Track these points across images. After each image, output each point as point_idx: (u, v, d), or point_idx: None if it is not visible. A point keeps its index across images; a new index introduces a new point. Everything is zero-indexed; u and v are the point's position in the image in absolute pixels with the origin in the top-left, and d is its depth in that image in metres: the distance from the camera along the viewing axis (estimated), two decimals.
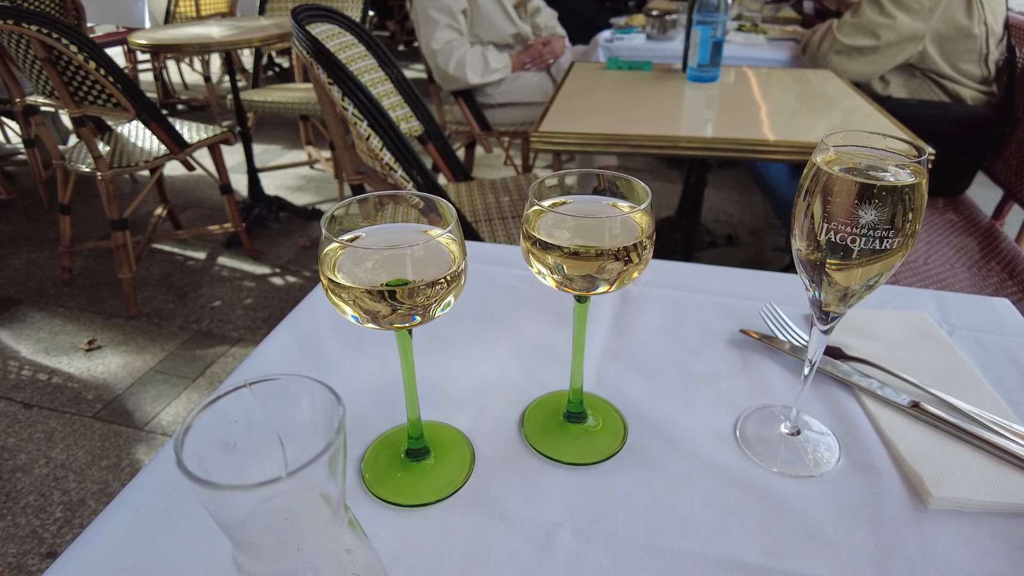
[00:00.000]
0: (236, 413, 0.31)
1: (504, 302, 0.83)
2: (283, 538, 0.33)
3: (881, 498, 0.56)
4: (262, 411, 0.32)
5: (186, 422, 0.29)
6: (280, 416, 0.32)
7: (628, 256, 0.47)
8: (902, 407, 0.65)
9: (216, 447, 0.30)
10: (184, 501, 0.56)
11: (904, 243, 0.46)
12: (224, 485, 0.26)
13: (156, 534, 0.53)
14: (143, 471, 0.59)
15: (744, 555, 0.51)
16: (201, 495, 0.27)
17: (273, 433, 0.32)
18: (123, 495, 0.57)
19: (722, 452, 0.61)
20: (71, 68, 2.28)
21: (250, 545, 0.30)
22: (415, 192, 0.48)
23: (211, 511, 0.28)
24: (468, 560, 0.51)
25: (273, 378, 0.31)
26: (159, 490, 0.57)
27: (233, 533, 0.30)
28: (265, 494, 0.28)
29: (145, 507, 0.56)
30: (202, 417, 0.30)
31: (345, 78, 1.52)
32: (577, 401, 0.63)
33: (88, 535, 0.53)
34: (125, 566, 0.51)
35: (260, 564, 0.31)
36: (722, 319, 0.79)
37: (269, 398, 0.32)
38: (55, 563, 0.51)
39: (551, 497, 0.56)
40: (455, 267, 0.47)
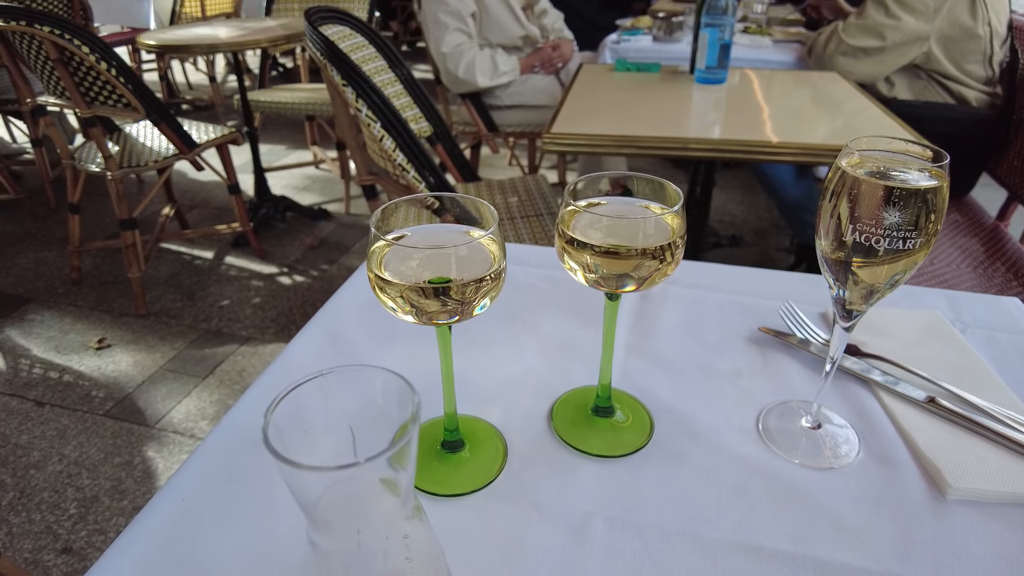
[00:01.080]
0: (311, 400, 0.33)
1: (526, 300, 0.85)
2: (348, 519, 0.35)
3: (901, 489, 0.58)
4: (335, 399, 0.34)
5: (271, 406, 0.31)
6: (352, 404, 0.34)
7: (662, 255, 0.50)
8: (918, 402, 0.67)
9: (294, 431, 0.31)
10: (228, 493, 0.58)
11: (926, 242, 0.48)
12: (307, 465, 0.28)
13: (201, 525, 0.55)
14: (186, 463, 0.61)
15: (771, 542, 0.53)
16: (285, 474, 0.29)
17: (344, 420, 0.34)
18: (168, 487, 0.59)
19: (746, 445, 0.63)
20: (82, 69, 2.30)
21: (323, 523, 0.32)
22: (460, 196, 0.50)
23: (292, 489, 0.30)
24: (505, 548, 0.53)
25: (348, 367, 0.33)
26: (202, 482, 0.59)
27: (309, 511, 0.31)
28: (341, 476, 0.30)
29: (190, 498, 0.58)
30: (283, 403, 0.32)
31: (359, 79, 1.54)
32: (605, 396, 0.65)
33: (134, 526, 0.55)
34: (172, 556, 0.53)
35: (330, 541, 0.33)
36: (741, 317, 0.81)
37: (343, 386, 0.33)
38: (105, 554, 0.53)
39: (583, 488, 0.58)
40: (496, 266, 0.49)
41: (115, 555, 0.52)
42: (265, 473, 0.60)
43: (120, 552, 0.53)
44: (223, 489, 0.59)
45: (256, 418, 0.65)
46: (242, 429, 0.65)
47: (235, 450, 0.63)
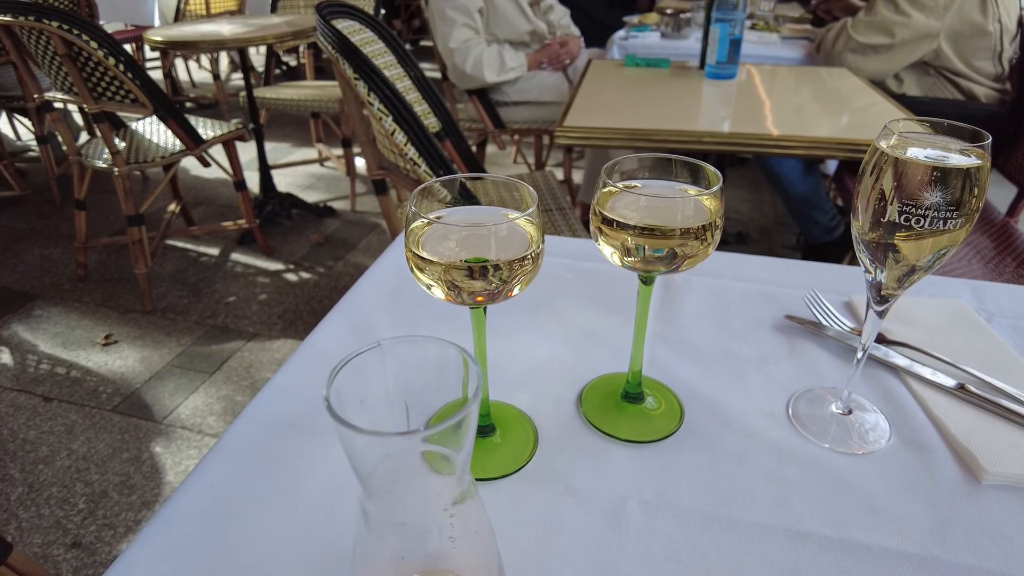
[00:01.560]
0: (370, 370, 0.33)
1: (549, 289, 0.85)
2: (397, 493, 0.35)
3: (934, 474, 0.58)
4: (393, 369, 0.33)
5: (332, 374, 0.31)
6: (409, 376, 0.33)
7: (703, 235, 0.49)
8: (948, 389, 0.66)
9: (351, 400, 0.31)
10: (257, 479, 0.58)
11: (968, 220, 0.48)
12: (368, 430, 0.28)
13: (233, 510, 0.55)
14: (214, 449, 0.61)
15: (807, 526, 0.53)
16: (344, 439, 0.29)
17: (400, 393, 0.34)
18: (197, 472, 0.58)
19: (777, 431, 0.63)
20: (90, 64, 2.29)
21: (375, 493, 0.32)
22: (501, 176, 0.49)
23: (349, 455, 0.30)
24: (541, 530, 0.52)
25: (407, 337, 0.33)
26: (231, 468, 0.59)
27: (364, 479, 0.31)
28: (396, 446, 0.30)
29: (220, 484, 0.57)
30: (343, 372, 0.31)
31: (372, 73, 1.53)
32: (636, 383, 0.64)
33: (166, 511, 0.54)
34: (204, 541, 0.52)
35: (381, 511, 0.33)
36: (765, 306, 0.81)
37: (401, 357, 0.33)
38: (138, 537, 0.52)
39: (616, 472, 0.58)
40: (534, 248, 0.48)
41: (148, 539, 0.52)
42: (293, 459, 0.60)
43: (153, 536, 0.52)
44: (252, 475, 0.58)
45: (282, 405, 0.65)
46: (269, 416, 0.65)
47: (262, 437, 0.62)
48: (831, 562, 0.50)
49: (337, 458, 0.60)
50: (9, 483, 1.83)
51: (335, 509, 0.55)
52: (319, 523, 0.53)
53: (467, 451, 0.33)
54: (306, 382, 0.69)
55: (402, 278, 0.87)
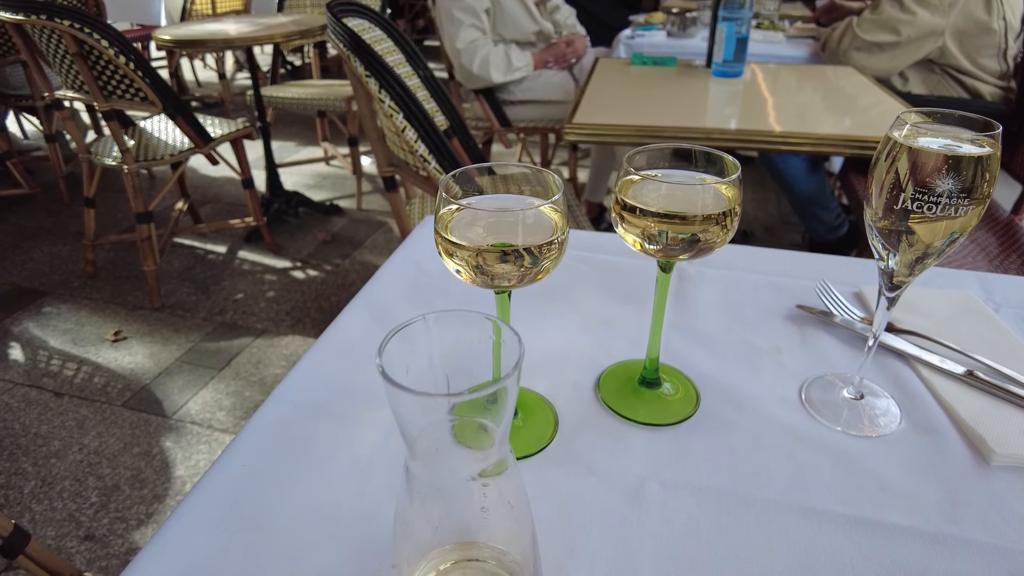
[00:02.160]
0: (415, 342, 0.34)
1: (565, 280, 0.87)
2: (437, 459, 0.36)
3: (944, 456, 0.60)
4: (437, 342, 0.35)
5: (383, 342, 0.33)
6: (453, 348, 0.35)
7: (723, 221, 0.51)
8: (957, 376, 0.68)
9: (397, 369, 0.33)
10: (287, 458, 0.60)
11: (979, 206, 0.50)
12: (416, 390, 0.30)
13: (264, 488, 0.57)
14: (244, 430, 0.62)
15: (822, 504, 0.55)
16: (394, 400, 0.31)
17: (443, 364, 0.36)
18: (228, 453, 0.60)
19: (790, 415, 0.64)
20: (101, 62, 2.31)
21: (418, 455, 0.34)
22: (525, 165, 0.51)
23: (398, 417, 0.32)
24: (564, 508, 0.54)
25: (451, 312, 0.34)
26: (262, 448, 0.61)
27: (409, 442, 0.33)
28: (439, 411, 0.32)
29: (250, 463, 0.59)
30: (392, 341, 0.33)
31: (383, 70, 1.55)
32: (653, 368, 0.66)
33: (199, 489, 0.56)
34: (237, 516, 0.54)
35: (423, 473, 0.35)
36: (777, 296, 0.83)
37: (444, 331, 0.35)
38: (173, 513, 0.54)
39: (635, 454, 0.60)
40: (559, 234, 0.50)
41: (183, 515, 0.54)
42: (321, 441, 0.62)
43: (188, 512, 0.54)
44: (281, 456, 0.60)
45: (309, 389, 0.67)
46: (297, 399, 0.66)
47: (291, 418, 0.64)
48: (845, 538, 0.52)
49: (364, 440, 0.62)
50: (22, 477, 1.86)
51: (364, 488, 0.56)
52: (348, 501, 0.55)
53: (506, 423, 0.35)
54: (331, 367, 0.71)
55: (421, 268, 0.89)
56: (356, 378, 0.69)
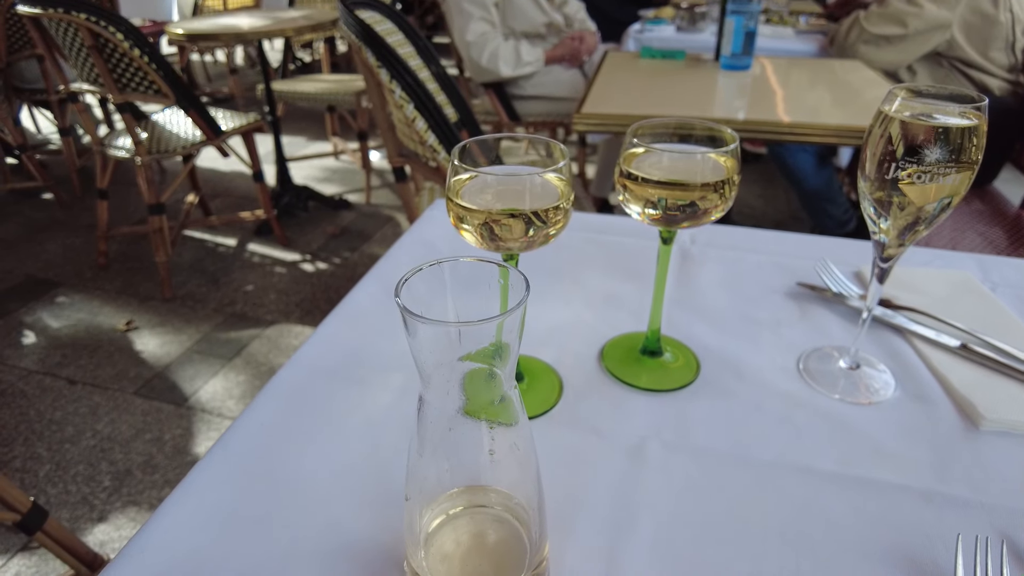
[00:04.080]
0: (428, 286, 0.37)
1: (570, 259, 0.89)
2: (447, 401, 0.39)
3: (936, 422, 0.62)
4: (451, 286, 0.37)
5: (401, 282, 0.35)
6: (463, 292, 0.38)
7: (722, 189, 0.53)
8: (952, 348, 0.70)
9: (415, 309, 0.35)
10: (304, 419, 0.62)
11: (967, 172, 0.52)
12: (431, 319, 0.32)
13: (280, 445, 0.59)
14: (261, 394, 0.65)
15: (818, 463, 0.57)
16: (413, 332, 0.33)
17: (455, 308, 0.38)
18: (246, 415, 0.62)
19: (788, 383, 0.67)
20: (116, 55, 2.35)
21: (431, 384, 0.36)
22: (533, 135, 0.53)
23: (415, 352, 0.34)
24: (569, 465, 0.57)
25: (463, 258, 0.37)
26: (279, 410, 0.63)
27: (424, 377, 0.35)
28: (450, 349, 0.34)
29: (268, 424, 0.62)
30: (409, 282, 0.36)
31: (393, 60, 1.58)
32: (655, 339, 0.68)
33: (218, 448, 0.59)
34: (256, 471, 0.57)
35: (436, 401, 0.37)
36: (779, 275, 0.85)
37: (457, 276, 0.37)
38: (193, 469, 0.57)
39: (636, 416, 0.62)
40: (564, 200, 0.52)
41: (204, 468, 0.56)
42: (336, 403, 0.64)
43: (208, 466, 0.57)
44: (298, 416, 0.63)
45: (324, 355, 0.69)
46: (313, 363, 0.69)
47: (308, 381, 0.67)
48: (839, 494, 0.54)
49: (377, 402, 0.64)
50: (37, 461, 1.89)
51: (378, 445, 0.59)
52: (363, 457, 0.58)
53: (512, 362, 0.37)
54: (345, 336, 0.74)
55: (432, 247, 0.91)
56: (369, 345, 0.72)
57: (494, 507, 0.47)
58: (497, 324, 0.33)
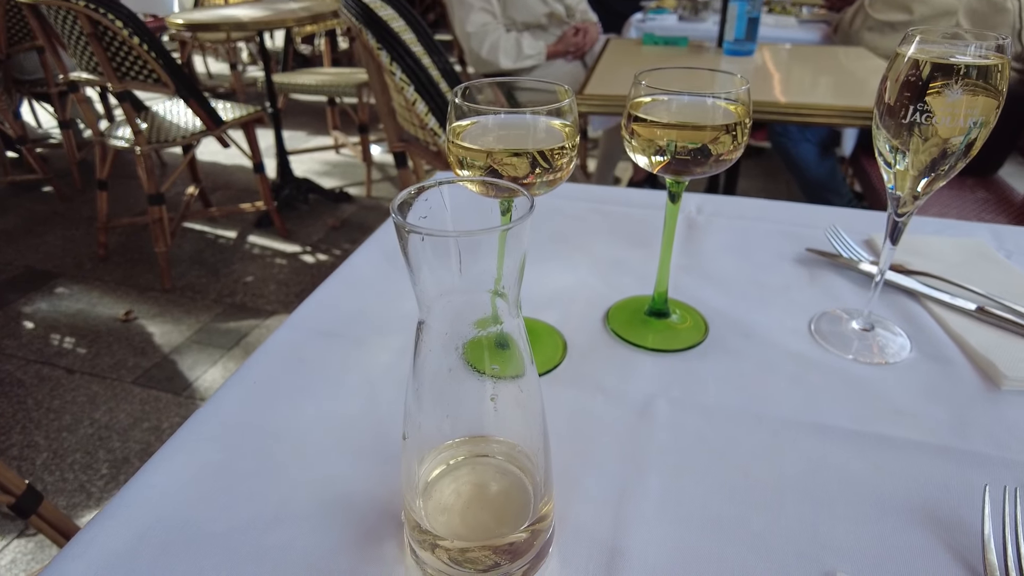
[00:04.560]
0: (430, 207, 0.35)
1: (574, 227, 0.87)
2: (449, 335, 0.37)
3: (955, 382, 0.60)
4: (454, 208, 0.35)
5: (402, 198, 0.33)
6: (465, 216, 0.35)
7: (734, 131, 0.51)
8: (968, 311, 0.68)
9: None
10: (298, 377, 0.60)
11: (993, 100, 0.49)
12: (431, 229, 0.30)
13: (274, 402, 0.57)
14: (255, 354, 0.63)
15: (835, 421, 0.55)
16: (415, 244, 0.31)
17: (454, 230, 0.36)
18: (238, 373, 0.61)
19: (800, 344, 0.64)
20: (115, 43, 2.33)
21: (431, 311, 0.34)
22: (542, 81, 0.51)
23: (416, 271, 0.32)
24: (574, 421, 0.55)
25: (466, 180, 0.35)
26: (273, 367, 0.61)
27: (424, 309, 0.33)
28: (454, 278, 0.32)
29: (261, 381, 0.60)
30: (415, 202, 0.34)
31: (394, 42, 1.56)
32: (662, 300, 0.66)
33: (210, 405, 0.57)
34: (249, 429, 0.55)
35: (436, 326, 0.35)
36: (787, 242, 0.83)
37: (458, 199, 0.35)
38: (184, 424, 0.55)
39: (643, 375, 0.60)
40: (568, 141, 0.50)
41: (193, 425, 0.54)
42: (333, 360, 0.62)
43: (198, 422, 0.55)
44: (293, 374, 0.61)
45: (321, 317, 0.67)
46: (309, 323, 0.67)
47: (304, 341, 0.65)
48: (855, 450, 0.52)
49: (376, 361, 0.62)
50: (35, 449, 1.87)
51: (376, 402, 0.57)
52: (360, 415, 0.56)
53: (516, 290, 0.35)
54: (344, 297, 0.72)
55: None
56: (368, 307, 0.70)
57: (496, 457, 0.45)
58: (499, 237, 0.31)
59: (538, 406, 0.41)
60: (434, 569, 0.41)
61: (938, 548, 0.44)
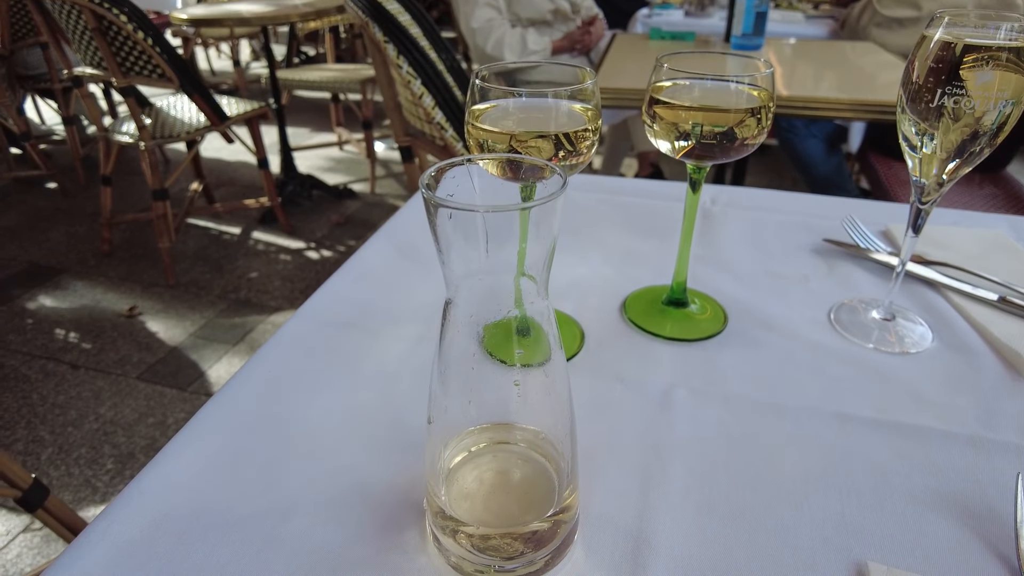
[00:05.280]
0: (457, 184, 0.34)
1: (587, 219, 0.86)
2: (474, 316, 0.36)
3: (979, 372, 0.59)
4: (479, 185, 0.35)
5: (427, 175, 0.32)
6: (491, 192, 0.35)
7: (759, 114, 0.50)
8: (990, 301, 0.67)
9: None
10: (311, 368, 0.59)
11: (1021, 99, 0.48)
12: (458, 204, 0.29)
13: (289, 393, 0.56)
14: (267, 345, 0.62)
15: (858, 411, 0.54)
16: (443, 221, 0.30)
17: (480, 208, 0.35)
18: (250, 364, 0.60)
19: (820, 334, 0.64)
20: (119, 38, 2.32)
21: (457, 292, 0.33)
22: (564, 62, 0.50)
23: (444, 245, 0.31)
24: (594, 411, 0.54)
25: (496, 156, 0.34)
26: (286, 359, 0.60)
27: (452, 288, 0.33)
28: (477, 239, 0.31)
29: (274, 371, 0.59)
30: (443, 179, 0.33)
31: (401, 35, 1.55)
32: (681, 289, 0.65)
33: (223, 394, 0.56)
34: (262, 420, 0.54)
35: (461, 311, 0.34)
36: (803, 233, 0.82)
37: (487, 184, 0.34)
38: (197, 414, 0.54)
39: (662, 365, 0.59)
40: (591, 123, 0.49)
41: (205, 416, 0.54)
42: (346, 351, 0.61)
43: (209, 414, 0.54)
44: (306, 364, 0.60)
45: (332, 308, 0.66)
46: (321, 316, 0.66)
47: (315, 332, 0.64)
48: (881, 440, 0.51)
49: (391, 351, 0.61)
50: (40, 444, 1.87)
51: (392, 393, 0.56)
52: (376, 406, 0.55)
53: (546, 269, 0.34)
54: (355, 288, 0.71)
55: None
56: (380, 299, 0.69)
57: (519, 444, 0.44)
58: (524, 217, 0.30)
59: (565, 392, 0.40)
60: (457, 556, 0.40)
61: (969, 537, 0.43)
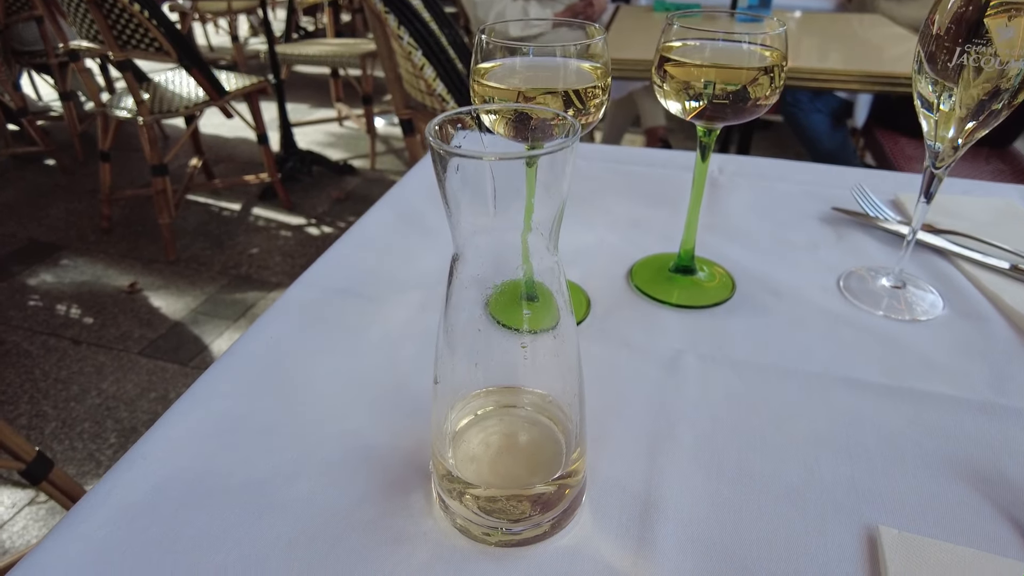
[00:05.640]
0: (465, 138, 0.33)
1: (592, 187, 0.85)
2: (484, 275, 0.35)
3: (990, 339, 0.58)
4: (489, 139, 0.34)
5: (436, 123, 0.31)
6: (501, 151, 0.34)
7: (772, 72, 0.49)
8: (1002, 270, 0.66)
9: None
10: (314, 334, 0.58)
11: None
12: (467, 151, 0.29)
13: (292, 359, 0.56)
14: (269, 311, 0.61)
15: (866, 376, 0.53)
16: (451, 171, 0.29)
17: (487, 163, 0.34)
18: (252, 330, 0.59)
19: (829, 301, 0.63)
20: (115, 11, 2.29)
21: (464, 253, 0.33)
22: (574, 19, 0.49)
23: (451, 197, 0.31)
24: (601, 376, 0.53)
25: (505, 107, 0.33)
26: (288, 325, 0.60)
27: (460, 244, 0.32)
28: (490, 223, 0.30)
29: (277, 336, 0.58)
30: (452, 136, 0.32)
31: (402, 6, 1.53)
32: (688, 256, 0.64)
33: (224, 361, 0.55)
34: (266, 385, 0.53)
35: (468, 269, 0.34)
36: (812, 201, 0.81)
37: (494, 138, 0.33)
38: (199, 379, 0.53)
39: (669, 331, 0.58)
40: (600, 80, 0.48)
41: (208, 380, 0.53)
42: (350, 317, 0.60)
43: (212, 379, 0.53)
44: (309, 329, 0.59)
45: (335, 274, 0.65)
46: (323, 281, 0.65)
47: (318, 299, 0.63)
48: (891, 406, 0.50)
49: (394, 317, 0.61)
50: (43, 419, 1.87)
51: (397, 358, 0.55)
52: (381, 370, 0.54)
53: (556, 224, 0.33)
54: (357, 257, 0.70)
55: None
56: (385, 266, 0.68)
57: (526, 407, 0.44)
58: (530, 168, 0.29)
59: (574, 355, 0.39)
60: (463, 519, 0.40)
61: (981, 502, 0.43)
